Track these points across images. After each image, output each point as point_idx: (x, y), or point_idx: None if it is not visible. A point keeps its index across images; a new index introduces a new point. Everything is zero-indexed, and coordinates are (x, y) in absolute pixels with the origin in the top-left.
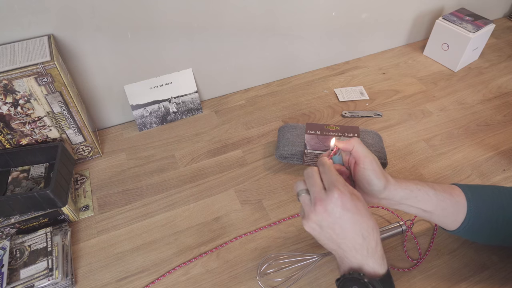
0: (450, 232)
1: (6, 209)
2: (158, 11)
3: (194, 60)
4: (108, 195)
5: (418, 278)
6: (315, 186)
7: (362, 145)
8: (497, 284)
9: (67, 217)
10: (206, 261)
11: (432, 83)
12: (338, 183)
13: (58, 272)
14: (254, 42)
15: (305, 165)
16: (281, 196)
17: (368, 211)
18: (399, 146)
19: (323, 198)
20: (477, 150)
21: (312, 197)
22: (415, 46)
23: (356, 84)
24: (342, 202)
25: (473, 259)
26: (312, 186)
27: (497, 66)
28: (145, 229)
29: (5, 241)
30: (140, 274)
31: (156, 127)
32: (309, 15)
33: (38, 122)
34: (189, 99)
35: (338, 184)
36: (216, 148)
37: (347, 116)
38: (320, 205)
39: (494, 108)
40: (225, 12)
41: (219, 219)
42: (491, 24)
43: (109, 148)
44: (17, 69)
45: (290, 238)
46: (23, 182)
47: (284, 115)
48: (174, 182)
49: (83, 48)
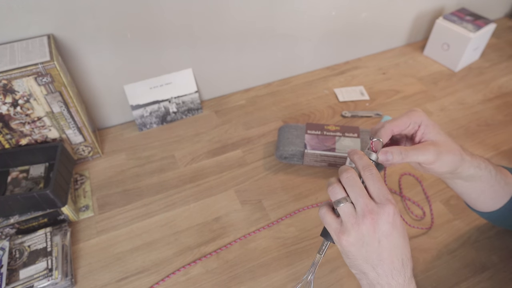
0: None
1: (5, 209)
2: (158, 12)
3: (194, 60)
4: (108, 195)
5: (418, 278)
6: (363, 197)
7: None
8: (498, 285)
9: (67, 217)
10: (206, 261)
11: (432, 83)
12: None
13: (58, 273)
14: (254, 42)
15: (305, 165)
16: (281, 196)
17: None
18: None
19: (376, 211)
20: (477, 150)
21: (359, 208)
22: (415, 46)
23: (356, 84)
24: (394, 219)
25: (473, 260)
26: (360, 196)
27: (497, 66)
28: (145, 229)
29: (4, 241)
30: (140, 274)
31: (156, 127)
32: (309, 15)
33: (38, 122)
34: (189, 99)
35: (391, 197)
36: (216, 148)
37: (347, 116)
38: (372, 218)
39: (495, 108)
40: (225, 12)
41: (219, 219)
42: (492, 24)
43: (109, 148)
44: (16, 69)
45: (290, 238)
46: (22, 182)
47: (284, 115)
48: (174, 182)
49: (83, 48)
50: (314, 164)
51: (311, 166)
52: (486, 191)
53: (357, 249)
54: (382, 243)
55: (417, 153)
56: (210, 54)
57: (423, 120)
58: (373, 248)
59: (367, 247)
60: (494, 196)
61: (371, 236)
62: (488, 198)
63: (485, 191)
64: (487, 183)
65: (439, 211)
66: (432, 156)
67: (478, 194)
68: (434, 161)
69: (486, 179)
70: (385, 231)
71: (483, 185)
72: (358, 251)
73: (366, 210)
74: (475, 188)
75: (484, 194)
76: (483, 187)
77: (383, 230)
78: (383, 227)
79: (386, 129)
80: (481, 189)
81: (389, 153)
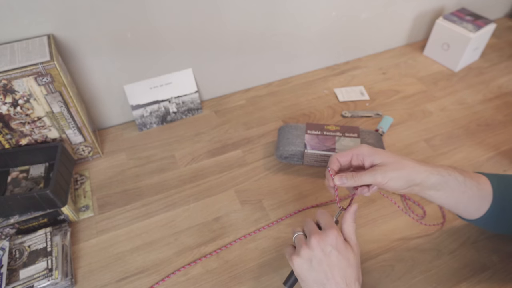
0: (470, 221)
1: (5, 209)
2: (158, 11)
3: (194, 60)
4: (108, 195)
5: (418, 278)
6: (312, 227)
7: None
8: (498, 285)
9: (67, 217)
10: (206, 261)
11: (432, 83)
12: (335, 227)
13: (58, 273)
14: (254, 42)
15: (305, 165)
16: (281, 196)
17: (358, 265)
18: (399, 146)
19: (319, 233)
20: (477, 150)
21: (308, 234)
22: (415, 46)
23: (356, 84)
24: (336, 242)
25: (473, 260)
26: (310, 227)
27: (497, 66)
28: (145, 229)
29: (4, 242)
30: (140, 274)
31: (156, 127)
32: (309, 15)
33: (38, 122)
34: (189, 99)
35: (336, 228)
36: (216, 148)
37: (347, 116)
38: (315, 239)
39: (495, 108)
40: (226, 12)
41: (219, 219)
42: (492, 24)
43: (109, 148)
44: (16, 69)
45: (290, 239)
46: (22, 182)
47: (284, 115)
48: (174, 182)
49: (83, 48)
50: (314, 164)
51: (311, 166)
52: (460, 198)
53: (307, 270)
54: (327, 263)
55: (366, 176)
56: (210, 54)
57: (365, 151)
58: (320, 267)
59: (315, 266)
60: (472, 203)
61: (317, 255)
62: (467, 205)
63: (459, 198)
64: (457, 189)
65: (439, 211)
66: (379, 176)
67: (455, 202)
68: (382, 180)
69: (453, 186)
70: (329, 252)
71: (454, 193)
72: (308, 271)
73: (313, 233)
74: (447, 196)
75: (460, 201)
76: (455, 194)
77: (327, 251)
78: (326, 248)
79: (333, 159)
80: (454, 197)
81: (344, 177)
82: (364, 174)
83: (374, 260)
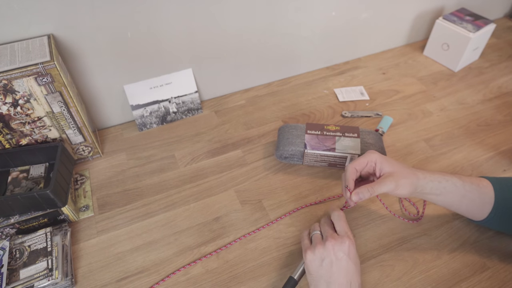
0: (476, 222)
1: (5, 209)
2: (158, 11)
3: (194, 60)
4: (108, 195)
5: (418, 278)
6: (329, 229)
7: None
8: (498, 285)
9: (67, 217)
10: (206, 261)
11: (432, 83)
12: (351, 234)
13: (58, 272)
14: (254, 42)
15: (305, 165)
16: (281, 196)
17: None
18: (399, 146)
19: (336, 238)
20: (477, 150)
21: (324, 235)
22: (415, 46)
23: (356, 84)
24: (349, 249)
25: (473, 260)
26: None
27: (497, 66)
28: (145, 229)
29: (4, 241)
30: (140, 274)
31: (156, 127)
32: (309, 14)
33: (38, 122)
34: (189, 99)
35: (351, 235)
36: (216, 148)
37: (347, 116)
38: (331, 242)
39: (495, 108)
40: (225, 12)
41: (219, 219)
42: (492, 24)
43: (109, 148)
44: (16, 69)
45: (290, 238)
46: (22, 182)
47: (284, 115)
48: (174, 182)
49: (83, 48)
50: (314, 164)
51: (311, 166)
52: (461, 201)
53: (317, 266)
54: (337, 266)
55: (380, 186)
56: (210, 54)
57: (377, 158)
58: (329, 268)
59: (325, 266)
60: (473, 205)
61: (329, 257)
62: (469, 207)
63: (461, 201)
64: (457, 193)
65: (439, 211)
66: (392, 184)
67: (458, 205)
68: (394, 188)
69: (452, 190)
70: (340, 256)
71: (453, 196)
72: (317, 268)
73: (329, 236)
74: (448, 200)
75: (461, 204)
76: (455, 197)
77: (338, 255)
78: (339, 253)
79: (351, 169)
80: (455, 200)
81: (360, 193)
82: (377, 186)
83: (374, 260)
